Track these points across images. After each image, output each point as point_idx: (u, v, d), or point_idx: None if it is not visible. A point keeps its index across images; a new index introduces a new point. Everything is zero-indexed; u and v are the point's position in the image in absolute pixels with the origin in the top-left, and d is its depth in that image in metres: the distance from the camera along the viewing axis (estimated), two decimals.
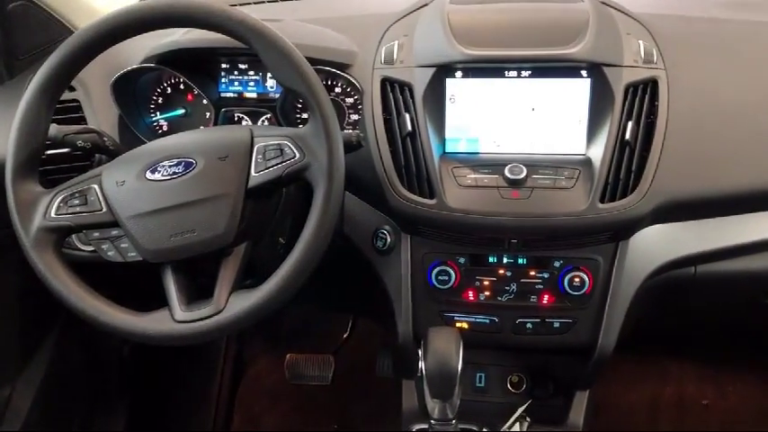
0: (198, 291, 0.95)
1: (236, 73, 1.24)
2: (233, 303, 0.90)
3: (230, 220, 0.91)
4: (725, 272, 1.17)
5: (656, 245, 1.12)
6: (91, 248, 1.01)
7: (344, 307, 1.79)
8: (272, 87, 1.23)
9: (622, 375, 1.79)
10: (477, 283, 1.14)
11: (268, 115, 1.24)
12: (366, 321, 1.86)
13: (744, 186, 1.10)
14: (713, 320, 1.53)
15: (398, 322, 1.16)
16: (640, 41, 1.12)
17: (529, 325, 1.15)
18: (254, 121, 1.24)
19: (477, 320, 1.16)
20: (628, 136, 1.04)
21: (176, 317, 0.91)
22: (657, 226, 1.12)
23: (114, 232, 0.95)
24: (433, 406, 0.99)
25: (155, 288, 0.95)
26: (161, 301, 0.93)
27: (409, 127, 1.08)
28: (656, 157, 1.04)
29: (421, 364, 0.99)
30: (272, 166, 0.92)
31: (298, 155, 0.92)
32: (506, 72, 1.09)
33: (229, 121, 1.24)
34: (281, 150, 0.92)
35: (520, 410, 1.13)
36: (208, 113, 1.25)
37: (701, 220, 1.14)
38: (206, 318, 0.90)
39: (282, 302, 0.91)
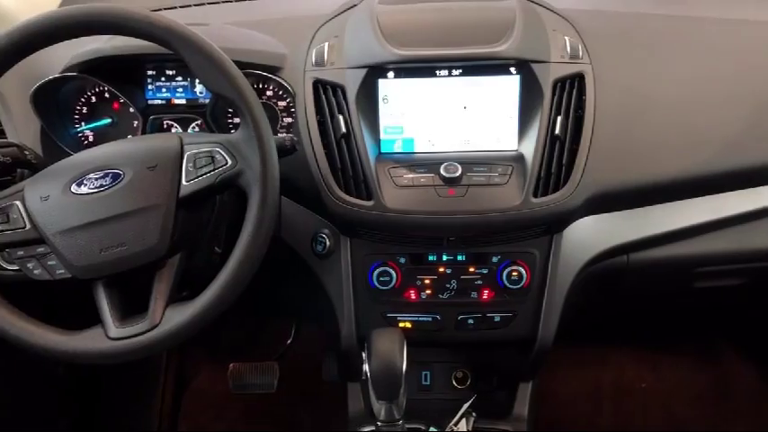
0: (132, 306, 0.92)
1: (163, 79, 1.21)
2: (169, 317, 0.88)
3: (162, 231, 0.89)
4: (656, 258, 1.20)
5: (590, 236, 1.15)
6: (15, 268, 0.97)
7: (286, 312, 1.77)
8: (201, 93, 1.21)
9: (564, 364, 1.83)
10: (419, 282, 1.15)
11: (198, 121, 1.21)
12: (310, 326, 1.84)
13: (670, 175, 1.13)
14: (648, 306, 1.58)
15: (341, 326, 1.16)
16: (566, 37, 1.14)
17: (470, 321, 1.16)
18: (185, 128, 1.21)
19: (420, 319, 1.17)
20: (557, 130, 1.06)
21: (110, 334, 0.88)
22: (590, 217, 1.15)
23: (40, 249, 0.92)
24: (380, 407, 0.99)
25: (86, 305, 0.91)
26: (94, 319, 0.90)
27: (343, 129, 1.08)
28: (585, 150, 1.07)
29: (365, 367, 0.99)
30: (204, 174, 0.90)
31: (230, 161, 0.90)
32: (437, 71, 1.10)
33: (158, 128, 1.21)
34: (213, 157, 0.90)
35: (465, 406, 1.13)
36: (135, 122, 1.21)
37: (631, 210, 1.17)
38: (141, 333, 0.87)
39: (220, 313, 0.89)
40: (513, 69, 1.09)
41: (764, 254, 1.22)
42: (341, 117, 1.08)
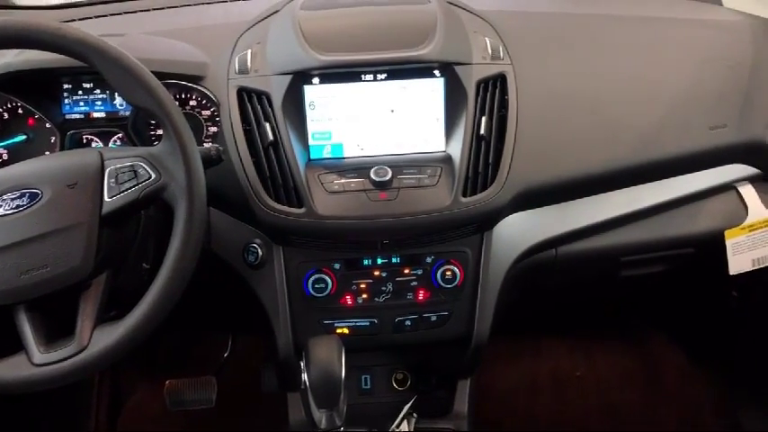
0: (58, 329, 0.88)
1: (80, 93, 1.17)
2: (97, 339, 0.85)
3: (86, 250, 0.86)
4: (583, 250, 1.24)
5: (519, 232, 1.18)
6: None
7: (222, 325, 1.74)
8: (121, 105, 1.17)
9: (501, 357, 1.86)
10: (354, 287, 1.15)
11: (120, 135, 1.17)
12: (246, 337, 1.82)
13: (591, 170, 1.17)
14: (578, 296, 1.63)
15: (278, 336, 1.14)
16: (487, 39, 1.16)
17: (407, 322, 1.17)
18: (105, 143, 1.17)
19: (358, 324, 1.17)
20: (483, 131, 1.08)
21: (35, 360, 0.84)
22: (518, 214, 1.17)
23: None
24: (320, 416, 0.98)
25: (8, 331, 0.87)
26: (16, 346, 0.86)
27: (270, 136, 1.06)
28: (510, 148, 1.09)
29: (304, 376, 0.98)
30: (127, 190, 0.87)
31: (153, 175, 0.88)
32: (363, 76, 1.10)
33: (77, 144, 1.16)
34: (135, 172, 0.88)
35: (406, 408, 1.14)
36: (53, 138, 1.16)
37: (557, 205, 1.21)
38: (69, 357, 0.84)
39: (152, 331, 0.87)
40: (436, 72, 1.10)
41: (681, 241, 1.28)
42: (267, 125, 1.07)
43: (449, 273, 1.14)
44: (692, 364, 1.87)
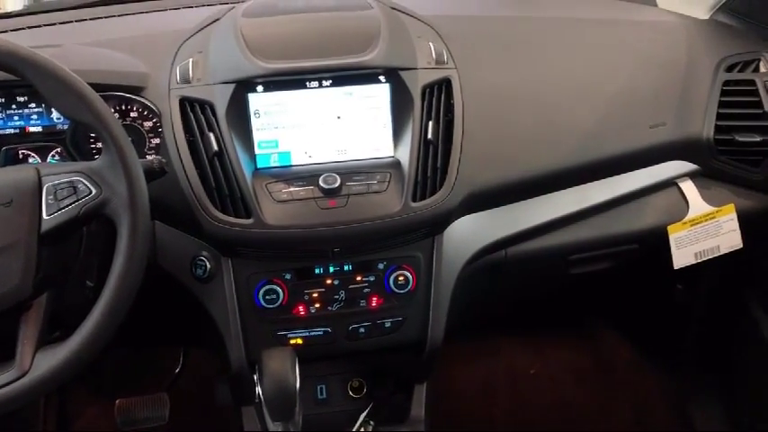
0: None
1: (14, 107, 1.12)
2: (40, 362, 0.82)
3: (24, 270, 0.82)
4: (532, 250, 1.26)
5: (469, 234, 1.18)
6: None
7: (173, 340, 1.70)
8: (58, 119, 1.13)
9: (457, 359, 1.88)
10: (307, 297, 1.13)
11: (58, 149, 1.13)
12: (199, 351, 1.78)
13: (538, 171, 1.19)
14: (528, 295, 1.65)
15: (229, 350, 1.12)
16: (431, 43, 1.16)
17: (361, 330, 1.16)
18: (43, 158, 1.13)
19: (311, 334, 1.15)
20: (430, 135, 1.08)
21: None
22: (468, 216, 1.18)
23: None
24: (275, 429, 0.97)
25: None
26: None
27: (215, 146, 1.04)
28: (457, 152, 1.10)
29: (258, 390, 0.96)
30: (66, 207, 0.84)
31: (94, 190, 0.85)
32: (307, 83, 1.09)
33: (13, 160, 1.12)
34: (75, 188, 0.85)
35: (362, 416, 1.14)
36: None
37: (506, 206, 1.22)
38: (9, 383, 0.81)
39: (98, 352, 0.84)
40: (382, 78, 1.10)
41: (626, 238, 1.31)
42: (211, 135, 1.05)
43: (401, 278, 1.13)
44: (642, 358, 1.92)
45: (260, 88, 1.08)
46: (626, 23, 1.40)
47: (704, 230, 1.30)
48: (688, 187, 1.31)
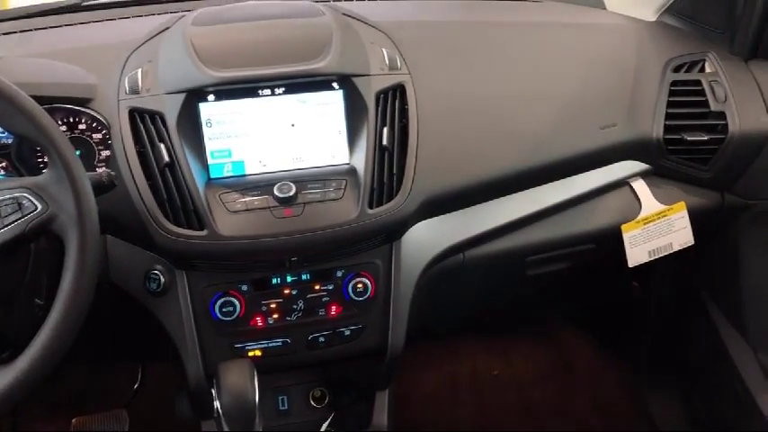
0: None
1: None
2: None
3: None
4: (489, 253, 1.26)
5: (427, 239, 1.18)
6: None
7: (131, 355, 1.67)
8: (2, 133, 1.10)
9: (419, 363, 1.88)
10: (264, 308, 1.12)
11: (4, 164, 1.10)
12: (158, 365, 1.75)
13: (493, 174, 1.19)
14: (489, 297, 1.66)
15: (186, 364, 1.10)
16: (383, 49, 1.16)
17: (321, 339, 1.15)
18: None
19: (270, 345, 1.14)
20: (385, 141, 1.08)
21: None
22: (426, 221, 1.18)
23: None
24: None
25: None
26: None
27: (166, 157, 1.03)
28: (413, 158, 1.10)
29: (216, 403, 0.95)
30: (11, 224, 0.82)
31: (40, 206, 0.82)
32: (260, 91, 1.08)
33: None
34: (20, 204, 0.82)
35: (325, 425, 1.13)
36: None
37: (463, 210, 1.22)
38: None
39: (49, 372, 0.81)
40: (335, 84, 1.10)
41: (582, 238, 1.32)
42: (162, 145, 1.03)
43: (360, 285, 1.13)
44: (602, 354, 1.95)
45: (211, 97, 1.06)
46: (575, 26, 1.42)
47: (657, 229, 1.33)
48: (640, 187, 1.33)
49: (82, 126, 1.10)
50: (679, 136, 1.28)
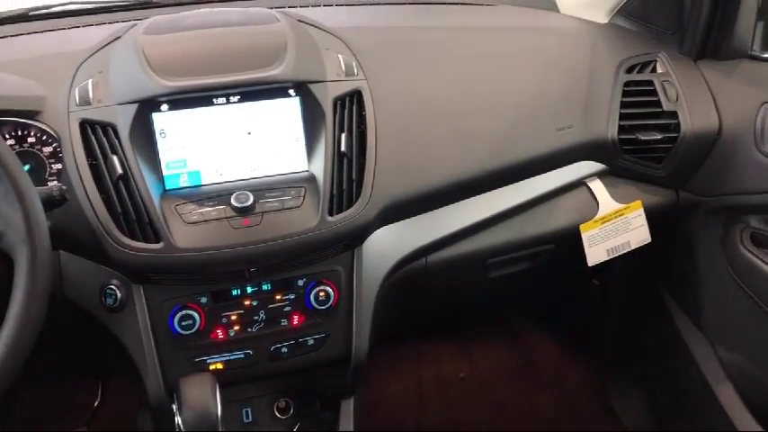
0: None
1: None
2: None
3: None
4: (451, 257, 1.27)
5: (389, 245, 1.18)
6: None
7: (90, 372, 1.63)
8: None
9: (385, 368, 1.88)
10: (225, 320, 1.10)
11: None
12: (118, 382, 1.71)
13: (454, 177, 1.19)
14: (452, 301, 1.66)
15: (146, 380, 1.08)
16: (340, 55, 1.16)
17: (284, 349, 1.14)
18: None
19: (232, 358, 1.12)
20: (343, 148, 1.08)
21: None
22: (387, 227, 1.18)
23: None
24: None
25: None
26: None
27: (119, 170, 1.00)
28: (372, 163, 1.09)
29: (178, 419, 0.93)
30: None
31: None
32: (215, 99, 1.06)
33: None
34: None
35: None
36: None
37: (424, 214, 1.22)
38: None
39: (1, 394, 0.79)
40: (291, 91, 1.09)
41: (542, 238, 1.33)
42: (115, 157, 1.01)
43: (322, 294, 1.12)
44: (565, 353, 1.97)
45: (165, 107, 1.04)
46: (530, 30, 1.43)
47: (614, 227, 1.34)
48: (597, 187, 1.35)
49: (31, 139, 1.07)
50: (633, 136, 1.30)
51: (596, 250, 1.35)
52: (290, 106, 1.09)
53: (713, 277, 1.40)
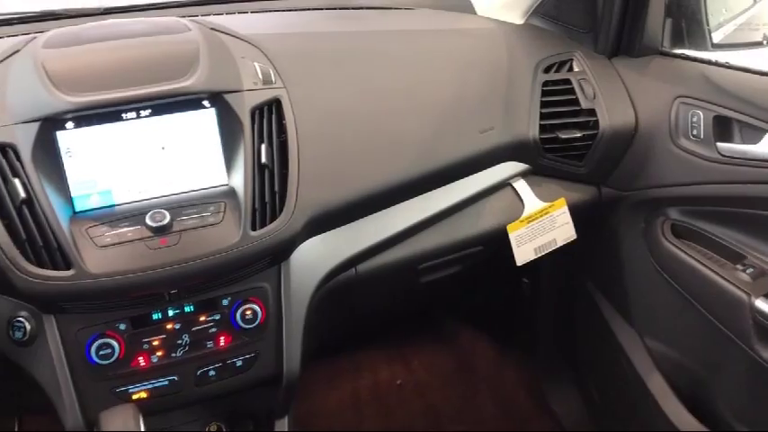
0: None
1: None
2: None
3: None
4: (382, 264, 1.24)
5: (317, 257, 1.15)
6: None
7: (2, 410, 1.53)
8: None
9: (321, 381, 1.84)
10: (146, 346, 1.04)
11: None
12: (36, 417, 1.61)
13: (378, 185, 1.17)
14: (385, 308, 1.64)
15: (62, 416, 1.01)
16: (256, 63, 1.12)
17: (211, 373, 1.09)
18: None
19: (156, 385, 1.06)
20: (264, 159, 1.04)
21: None
22: (314, 238, 1.15)
23: None
24: None
25: None
26: None
27: (22, 194, 0.93)
28: (294, 174, 1.06)
29: None
30: None
31: None
32: (124, 114, 1.01)
33: None
34: None
35: None
36: None
37: (352, 223, 1.19)
38: None
39: None
40: (206, 103, 1.04)
41: (471, 241, 1.33)
42: (17, 181, 0.94)
43: (249, 312, 1.08)
44: (500, 353, 1.98)
45: (70, 125, 0.98)
46: (448, 32, 1.43)
47: (540, 226, 1.35)
48: (521, 186, 1.36)
49: None
50: (554, 135, 1.32)
51: (524, 249, 1.35)
52: (206, 118, 1.05)
53: (638, 270, 1.43)
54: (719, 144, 1.18)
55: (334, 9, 1.53)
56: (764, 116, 1.10)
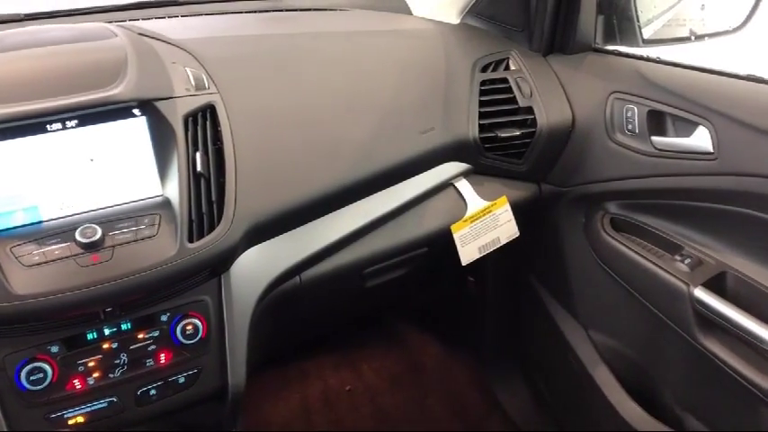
0: None
1: None
2: None
3: None
4: (326, 271, 1.22)
5: (258, 267, 1.12)
6: None
7: None
8: None
9: (269, 391, 1.80)
10: (82, 368, 0.99)
11: None
12: None
13: (319, 190, 1.15)
14: (331, 314, 1.62)
15: None
16: (187, 69, 1.08)
17: (152, 392, 1.04)
18: None
19: (94, 408, 1.01)
20: (199, 167, 1.00)
21: None
22: (255, 248, 1.12)
23: None
24: None
25: None
26: None
27: None
28: (232, 182, 1.02)
29: None
30: None
31: None
32: (48, 126, 0.95)
33: None
34: None
35: None
36: None
37: (294, 231, 1.17)
38: None
39: None
40: (136, 111, 1.00)
41: (415, 243, 1.32)
42: None
43: (190, 327, 1.04)
44: (450, 353, 1.98)
45: None
46: (385, 33, 1.42)
47: (484, 225, 1.36)
48: (464, 186, 1.36)
49: None
50: (493, 134, 1.32)
51: (469, 249, 1.35)
52: (137, 127, 1.00)
53: (580, 264, 1.45)
54: (654, 138, 1.21)
55: (267, 12, 1.49)
56: (696, 109, 1.12)
